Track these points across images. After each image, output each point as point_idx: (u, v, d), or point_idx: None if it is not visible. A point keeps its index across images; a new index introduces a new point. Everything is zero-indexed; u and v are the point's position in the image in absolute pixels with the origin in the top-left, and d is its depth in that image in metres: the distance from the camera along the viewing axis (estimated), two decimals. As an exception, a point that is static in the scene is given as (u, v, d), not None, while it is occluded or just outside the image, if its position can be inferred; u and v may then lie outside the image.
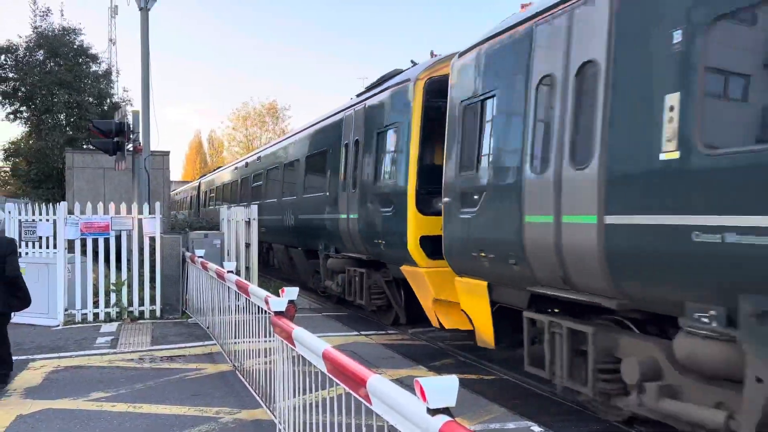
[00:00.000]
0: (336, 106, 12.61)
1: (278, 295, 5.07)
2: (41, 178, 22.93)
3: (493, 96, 6.65)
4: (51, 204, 10.98)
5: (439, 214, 7.67)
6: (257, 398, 5.87)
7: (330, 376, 3.51)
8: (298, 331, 4.18)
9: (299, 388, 4.35)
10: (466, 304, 7.34)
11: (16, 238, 10.57)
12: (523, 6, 7.06)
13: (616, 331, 5.28)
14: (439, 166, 7.77)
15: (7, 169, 29.06)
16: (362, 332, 9.71)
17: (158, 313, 10.64)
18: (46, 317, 9.95)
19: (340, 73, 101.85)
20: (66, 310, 10.08)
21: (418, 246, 8.57)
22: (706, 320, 4.17)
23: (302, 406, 4.28)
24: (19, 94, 23.62)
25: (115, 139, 11.83)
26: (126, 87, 67.68)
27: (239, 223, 11.93)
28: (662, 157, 4.43)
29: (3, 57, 23.41)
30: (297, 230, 13.48)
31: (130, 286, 10.61)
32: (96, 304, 10.40)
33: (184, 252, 10.90)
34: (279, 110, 65.74)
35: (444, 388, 2.14)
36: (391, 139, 9.41)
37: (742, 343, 3.91)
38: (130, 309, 10.53)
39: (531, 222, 5.78)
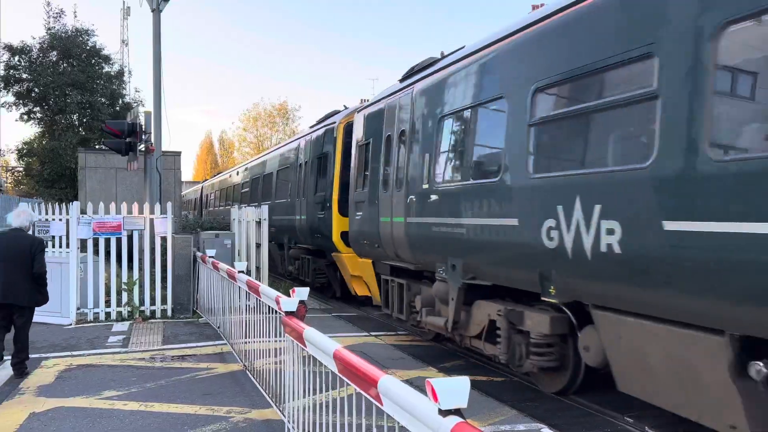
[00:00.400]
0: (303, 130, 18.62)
1: (289, 296, 5.08)
2: (54, 178, 23.15)
3: (369, 143, 10.31)
4: (64, 204, 11.07)
5: None
6: (267, 398, 5.89)
7: (341, 376, 3.51)
8: (309, 331, 4.19)
9: (309, 388, 4.35)
10: (365, 276, 11.10)
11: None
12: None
13: (417, 282, 8.78)
14: None
15: (21, 168, 29.36)
16: (372, 333, 9.71)
17: (169, 313, 10.71)
18: (59, 316, 10.05)
19: (350, 73, 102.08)
20: (78, 309, 10.16)
21: (340, 239, 11.91)
22: (441, 272, 7.70)
23: (312, 406, 4.29)
24: (33, 94, 23.87)
25: (128, 140, 11.92)
26: (138, 87, 68.12)
27: (250, 223, 11.97)
28: (424, 186, 8.10)
29: (17, 58, 23.67)
30: (271, 227, 14.70)
31: (141, 286, 10.68)
32: (108, 304, 10.48)
33: (195, 252, 10.96)
34: (289, 111, 65.89)
35: (456, 389, 2.14)
36: (324, 163, 13.14)
37: (449, 281, 7.49)
38: (142, 308, 10.60)
39: (382, 221, 9.41)
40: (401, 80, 9.64)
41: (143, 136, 12.20)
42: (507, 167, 6.37)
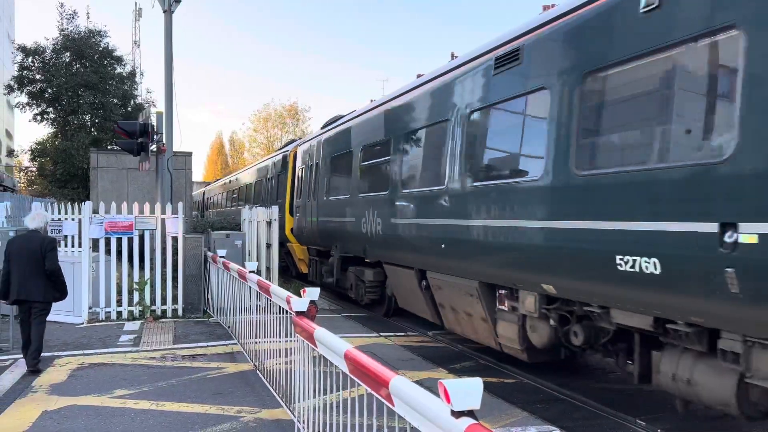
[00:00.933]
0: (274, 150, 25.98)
1: (299, 296, 5.08)
2: (67, 178, 23.30)
3: (303, 168, 15.32)
4: (76, 203, 11.15)
5: None
6: (277, 398, 5.89)
7: (351, 376, 3.51)
8: (320, 332, 4.19)
9: (320, 388, 4.35)
10: (305, 259, 15.84)
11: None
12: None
13: (325, 258, 13.58)
14: None
15: (34, 169, 29.62)
16: (382, 333, 9.70)
17: (180, 312, 10.76)
18: (71, 315, 10.12)
19: (360, 74, 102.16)
20: (90, 308, 10.23)
21: (291, 233, 16.00)
22: (332, 250, 12.81)
23: (322, 407, 4.28)
24: (46, 95, 24.04)
25: (139, 140, 11.97)
26: (149, 88, 68.47)
27: (260, 223, 12.00)
28: (323, 198, 13.19)
29: (30, 59, 23.86)
30: None
31: (152, 285, 10.73)
32: (119, 303, 10.55)
33: (206, 252, 11.00)
34: (300, 112, 66.03)
35: (468, 390, 2.13)
36: (283, 178, 17.56)
37: (334, 255, 12.74)
38: (153, 308, 10.65)
39: (311, 220, 13.99)
40: (321, 128, 14.74)
41: (155, 137, 12.26)
42: (352, 191, 11.44)
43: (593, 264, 5.31)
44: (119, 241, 10.62)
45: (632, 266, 4.85)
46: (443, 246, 7.88)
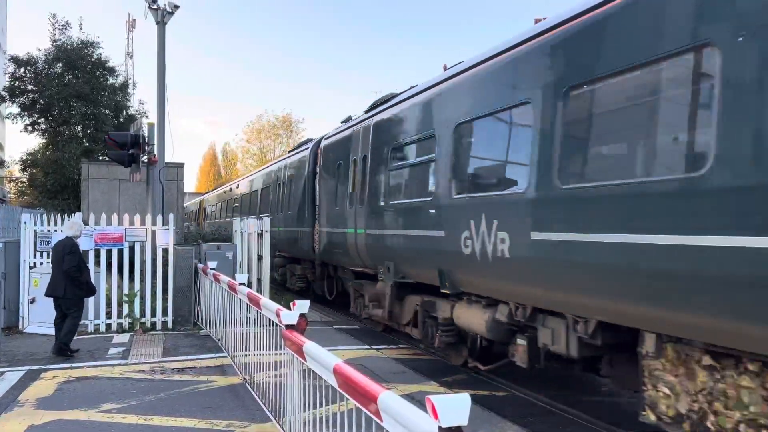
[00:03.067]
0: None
1: (290, 308, 5.05)
2: (57, 189, 23.16)
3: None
4: (66, 215, 11.07)
5: None
6: (267, 412, 5.84)
7: (341, 391, 3.48)
8: (309, 345, 4.16)
9: (309, 402, 4.32)
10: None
11: (31, 248, 10.68)
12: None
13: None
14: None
15: (25, 179, 29.44)
16: (373, 346, 9.65)
17: (170, 325, 10.67)
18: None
19: (354, 85, 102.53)
20: (93, 319, 10.12)
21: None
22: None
23: (312, 421, 4.25)
24: (38, 106, 23.96)
25: (130, 151, 11.93)
26: (142, 99, 68.50)
27: (252, 235, 11.95)
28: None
29: (22, 69, 23.80)
30: None
31: (142, 297, 10.65)
32: (109, 315, 10.45)
33: (197, 263, 10.94)
34: (293, 123, 66.08)
35: (456, 406, 2.11)
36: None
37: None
38: (143, 320, 10.56)
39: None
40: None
41: (146, 148, 12.23)
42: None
43: None
44: (109, 252, 10.55)
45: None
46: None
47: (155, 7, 13.18)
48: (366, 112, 11.26)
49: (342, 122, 13.13)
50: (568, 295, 5.49)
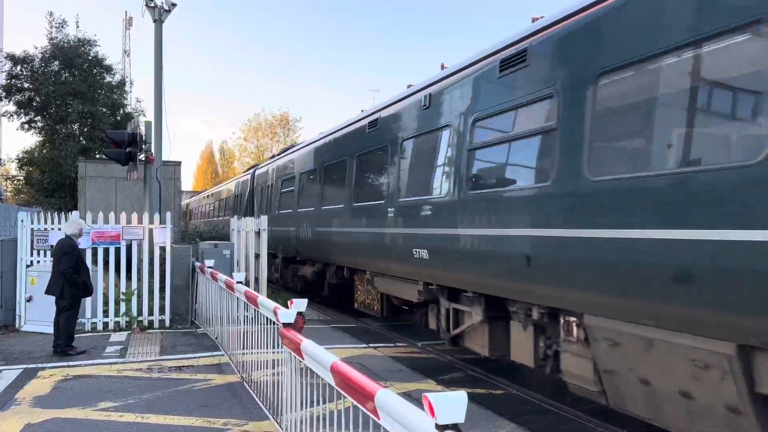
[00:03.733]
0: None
1: (287, 307, 5.06)
2: (54, 187, 23.14)
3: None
4: (63, 213, 11.06)
5: None
6: (265, 410, 5.85)
7: (338, 389, 3.49)
8: (307, 344, 4.17)
9: (307, 401, 4.32)
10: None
11: (28, 246, 10.66)
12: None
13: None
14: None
15: (21, 177, 29.37)
16: (371, 344, 9.66)
17: (167, 323, 10.66)
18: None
19: (352, 84, 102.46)
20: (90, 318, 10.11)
21: None
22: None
23: (309, 419, 4.26)
24: (34, 104, 23.91)
25: (128, 150, 11.90)
26: (139, 98, 68.39)
27: (249, 233, 11.95)
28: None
29: (19, 67, 23.75)
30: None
31: (140, 296, 10.64)
32: (106, 314, 10.44)
33: (194, 262, 10.93)
34: (291, 122, 66.01)
35: (453, 403, 2.12)
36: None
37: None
38: (140, 318, 10.56)
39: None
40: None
41: (143, 146, 12.21)
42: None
43: None
44: (106, 251, 10.53)
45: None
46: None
47: (152, 4, 13.16)
48: (280, 152, 19.26)
49: (269, 157, 20.22)
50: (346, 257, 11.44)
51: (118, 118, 25.15)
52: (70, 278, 8.47)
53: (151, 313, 10.64)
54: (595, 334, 5.23)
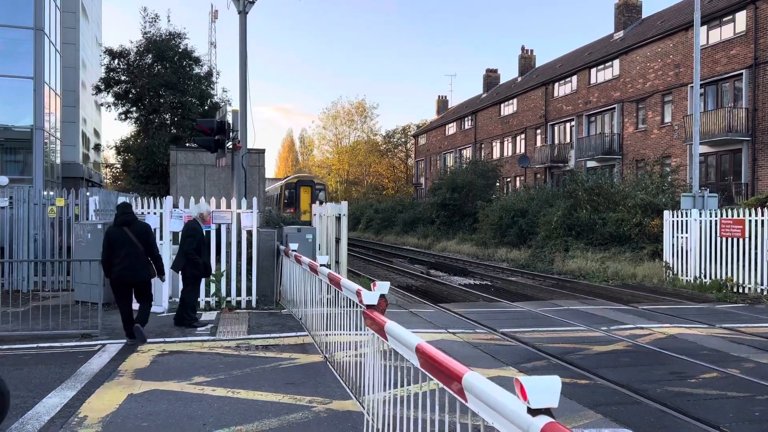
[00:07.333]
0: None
1: (369, 289, 5.12)
2: (148, 174, 24.49)
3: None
4: (157, 198, 11.69)
5: None
6: (347, 390, 5.98)
7: (422, 370, 3.50)
8: (391, 325, 4.20)
9: (390, 382, 4.37)
10: None
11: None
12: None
13: None
14: None
15: (119, 165, 31.31)
16: (450, 330, 9.65)
17: (254, 304, 11.10)
18: (153, 304, 10.59)
19: (430, 68, 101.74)
20: (170, 298, 10.72)
21: None
22: None
23: (392, 400, 4.31)
24: (130, 95, 25.35)
25: (216, 137, 12.42)
26: (225, 87, 71.18)
27: (330, 218, 12.19)
28: None
29: (116, 61, 25.23)
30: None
31: (228, 277, 11.12)
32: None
33: (279, 245, 11.29)
34: (367, 109, 66.49)
35: (546, 387, 2.08)
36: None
37: None
38: (228, 299, 11.04)
39: None
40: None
41: (230, 134, 12.68)
42: None
43: None
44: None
45: None
46: None
47: (238, -4, 13.57)
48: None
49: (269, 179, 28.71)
50: None
51: (206, 107, 26.24)
52: (192, 258, 9.24)
53: (239, 294, 11.10)
54: None
